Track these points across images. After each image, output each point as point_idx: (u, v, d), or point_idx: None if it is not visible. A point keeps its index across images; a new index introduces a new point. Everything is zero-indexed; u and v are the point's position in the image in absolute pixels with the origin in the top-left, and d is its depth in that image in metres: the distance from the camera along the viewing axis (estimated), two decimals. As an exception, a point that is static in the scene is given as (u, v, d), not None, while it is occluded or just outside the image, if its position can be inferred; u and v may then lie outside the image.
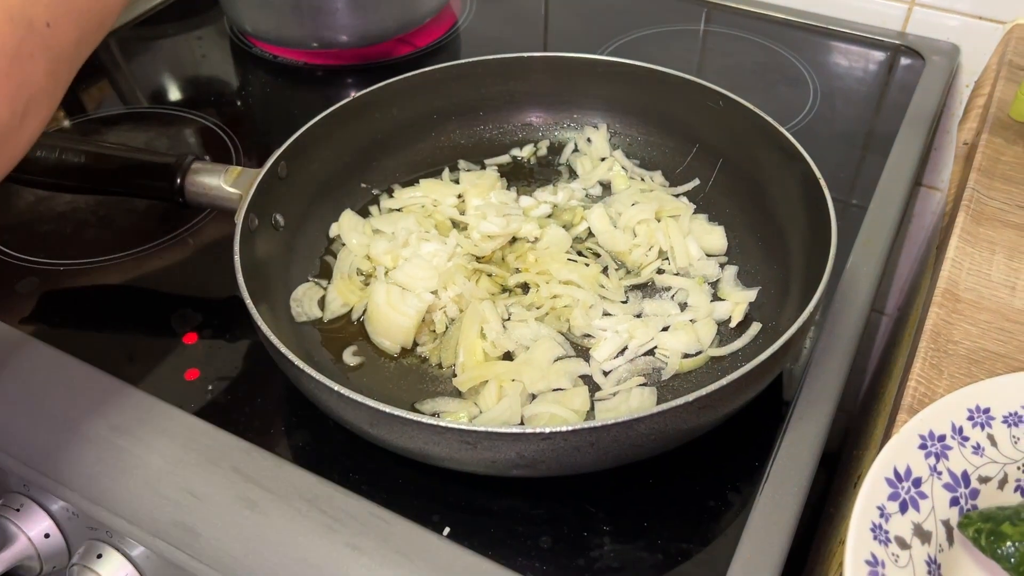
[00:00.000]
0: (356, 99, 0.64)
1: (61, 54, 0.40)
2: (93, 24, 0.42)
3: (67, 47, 0.40)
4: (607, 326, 0.56)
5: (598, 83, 0.69)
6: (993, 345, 0.53)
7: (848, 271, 0.62)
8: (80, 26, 0.41)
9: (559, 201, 0.66)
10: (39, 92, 0.39)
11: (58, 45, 0.39)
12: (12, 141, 0.38)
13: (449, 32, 0.88)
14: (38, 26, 0.38)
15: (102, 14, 0.43)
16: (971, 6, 0.82)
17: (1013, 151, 0.67)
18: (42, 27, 0.38)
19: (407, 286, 0.58)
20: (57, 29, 0.39)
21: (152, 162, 0.58)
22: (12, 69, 0.37)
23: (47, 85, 0.39)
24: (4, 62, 0.36)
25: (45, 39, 0.38)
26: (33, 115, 0.39)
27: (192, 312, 0.60)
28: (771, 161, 0.60)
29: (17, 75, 0.37)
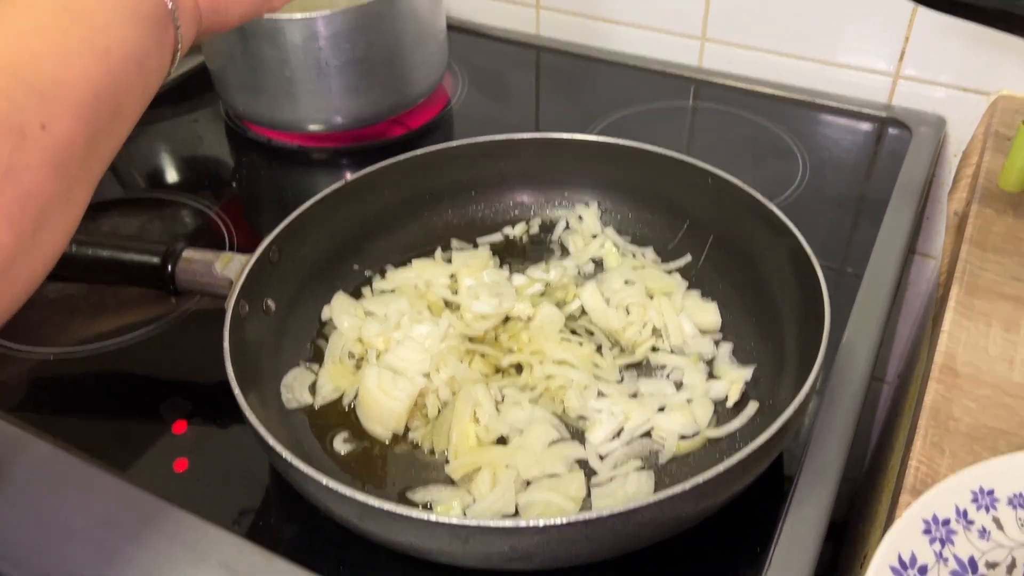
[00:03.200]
0: (349, 183, 0.65)
1: (69, 155, 0.36)
2: (105, 114, 0.38)
3: (75, 146, 0.36)
4: (602, 407, 0.55)
5: (588, 162, 0.69)
6: (994, 421, 0.52)
7: (845, 343, 0.61)
8: (88, 123, 0.37)
9: (552, 279, 0.66)
10: (50, 201, 0.35)
11: (62, 146, 0.35)
12: (26, 261, 0.35)
13: (442, 112, 0.89)
14: (31, 131, 0.34)
15: (112, 101, 0.38)
16: (955, 78, 0.83)
17: (1004, 222, 0.67)
18: (37, 131, 0.34)
19: (399, 369, 0.57)
20: (56, 129, 0.35)
21: (144, 250, 0.58)
22: (7, 186, 0.33)
23: (58, 191, 0.35)
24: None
25: (43, 143, 0.35)
26: (49, 227, 0.35)
27: (182, 400, 0.60)
28: (761, 236, 0.60)
29: (13, 190, 0.33)
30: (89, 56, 0.37)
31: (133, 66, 0.39)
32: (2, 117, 0.33)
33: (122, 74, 0.39)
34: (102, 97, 0.38)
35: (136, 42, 0.40)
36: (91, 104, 0.37)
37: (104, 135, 0.38)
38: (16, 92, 0.34)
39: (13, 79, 0.34)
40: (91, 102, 0.37)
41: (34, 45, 0.36)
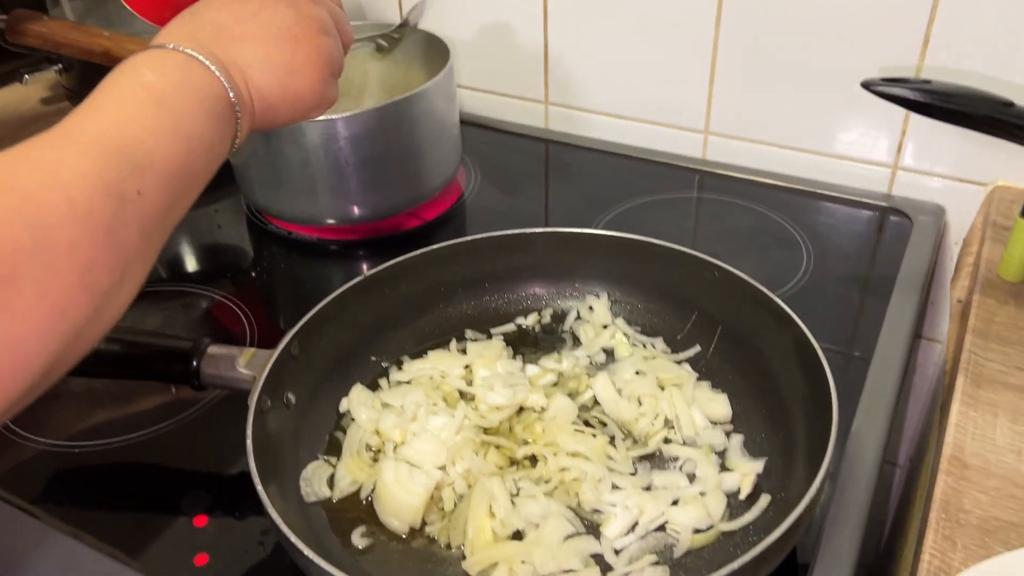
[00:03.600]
0: (367, 277, 0.67)
1: (153, 219, 0.43)
2: (180, 188, 0.45)
3: (158, 212, 0.43)
4: (617, 501, 0.56)
5: (597, 255, 0.72)
6: (1005, 514, 0.53)
7: (855, 431, 0.62)
8: (169, 191, 0.44)
9: (564, 369, 0.67)
10: (133, 257, 0.42)
11: (149, 211, 0.42)
12: (113, 306, 0.41)
13: (455, 204, 0.92)
14: (131, 196, 0.41)
15: (188, 177, 0.46)
16: (952, 169, 0.86)
17: (1006, 311, 0.69)
18: (134, 197, 0.41)
19: (416, 462, 0.58)
20: (148, 197, 0.42)
21: (170, 347, 0.60)
22: (109, 240, 0.39)
23: (140, 249, 0.42)
24: (101, 235, 0.39)
25: (138, 208, 0.41)
26: (130, 279, 0.42)
27: (203, 493, 0.61)
28: (766, 327, 0.62)
29: (113, 245, 0.40)
30: (175, 139, 0.45)
31: (204, 150, 0.47)
32: (112, 184, 0.40)
33: (197, 156, 0.46)
34: (182, 173, 0.45)
35: (208, 130, 0.47)
36: (174, 178, 0.44)
37: (177, 205, 0.46)
38: (122, 165, 0.41)
39: (120, 156, 0.41)
40: (174, 177, 0.44)
41: (135, 129, 0.43)
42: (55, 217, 0.37)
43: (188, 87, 0.47)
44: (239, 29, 0.51)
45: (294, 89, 0.54)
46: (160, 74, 0.46)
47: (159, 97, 0.45)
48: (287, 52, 0.53)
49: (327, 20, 0.56)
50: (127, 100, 0.44)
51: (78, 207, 0.38)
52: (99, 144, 0.41)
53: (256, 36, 0.52)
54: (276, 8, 0.53)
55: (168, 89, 0.46)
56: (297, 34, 0.53)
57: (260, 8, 0.53)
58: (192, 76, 0.47)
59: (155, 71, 0.46)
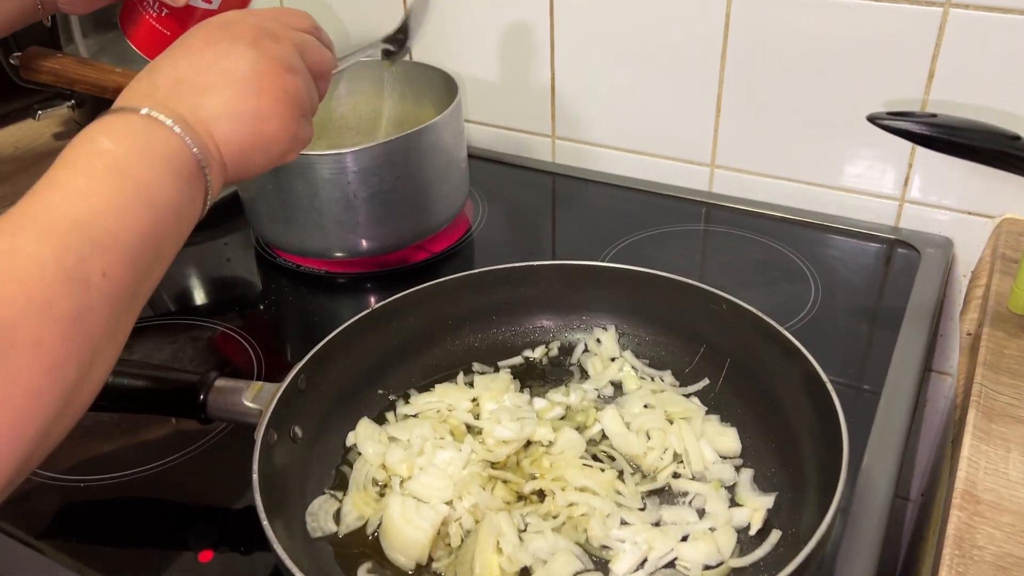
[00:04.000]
0: (374, 310, 0.67)
1: (122, 298, 0.41)
2: (149, 259, 0.43)
3: (127, 290, 0.41)
4: (625, 536, 0.55)
5: (605, 287, 0.72)
6: (1019, 550, 0.52)
7: (866, 465, 0.62)
8: (138, 265, 0.42)
9: (572, 402, 0.67)
10: (104, 341, 0.40)
11: (118, 291, 0.40)
12: (83, 392, 0.39)
13: (463, 238, 0.92)
14: (95, 280, 0.39)
15: (157, 246, 0.43)
16: (959, 202, 0.86)
17: (1016, 344, 0.68)
18: (99, 280, 0.39)
19: (422, 497, 0.58)
20: (114, 276, 0.40)
21: (177, 381, 0.60)
22: (74, 330, 0.37)
23: (111, 331, 0.40)
24: (66, 326, 0.37)
25: (103, 289, 0.39)
26: (100, 363, 0.40)
27: (208, 528, 0.61)
28: (775, 360, 0.62)
29: (80, 334, 0.38)
30: (139, 209, 0.42)
31: (172, 216, 0.45)
32: (72, 269, 0.38)
33: (163, 223, 0.44)
34: (148, 244, 0.43)
35: (175, 194, 0.45)
36: (139, 251, 0.42)
37: (147, 277, 0.43)
38: (82, 247, 0.39)
39: (80, 235, 0.39)
40: (140, 249, 0.42)
41: (94, 203, 0.41)
42: (13, 313, 0.35)
43: (149, 152, 0.44)
44: (200, 81, 0.49)
45: (264, 135, 0.51)
46: (118, 141, 0.44)
47: (119, 166, 0.43)
48: (252, 98, 0.50)
49: (292, 57, 0.54)
50: (84, 173, 0.42)
51: (36, 300, 0.36)
52: (56, 226, 0.39)
53: (218, 86, 0.49)
54: (236, 53, 0.51)
55: (128, 156, 0.43)
56: (261, 77, 0.51)
57: (219, 56, 0.50)
58: (153, 139, 0.45)
59: (112, 138, 0.44)
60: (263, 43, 0.52)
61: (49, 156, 1.08)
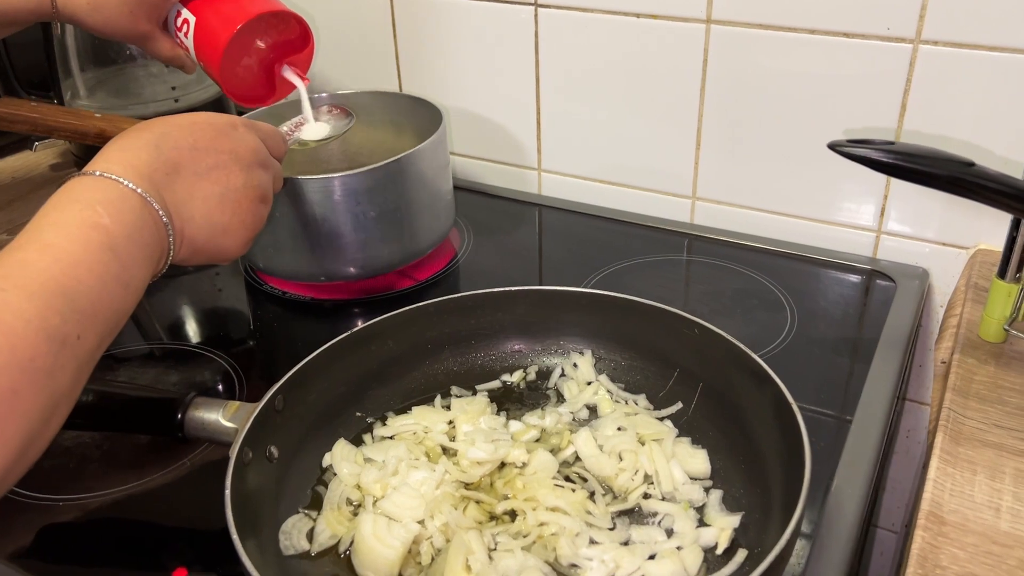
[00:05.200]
0: (353, 333, 0.69)
1: (85, 360, 0.44)
2: (110, 327, 0.47)
3: (91, 353, 0.45)
4: (593, 555, 0.56)
5: (582, 313, 0.73)
6: (982, 570, 0.53)
7: (835, 489, 0.62)
8: (101, 334, 0.46)
9: (547, 425, 0.68)
10: (64, 396, 0.43)
11: (84, 353, 0.44)
12: (39, 443, 0.42)
13: (448, 266, 0.94)
14: (71, 341, 0.42)
15: (117, 316, 0.48)
16: (935, 234, 0.87)
17: (985, 370, 0.69)
18: (73, 341, 0.42)
19: (394, 515, 0.58)
20: (85, 340, 0.44)
21: (155, 399, 0.61)
22: (47, 383, 0.41)
23: (72, 389, 0.44)
24: (41, 378, 0.40)
25: (75, 351, 0.43)
26: (57, 416, 0.43)
27: (183, 547, 0.61)
28: (746, 385, 0.63)
29: (50, 387, 0.41)
30: (118, 289, 0.47)
31: (135, 296, 0.50)
32: (54, 329, 0.41)
33: (130, 300, 0.49)
34: (117, 316, 0.48)
35: (146, 278, 0.51)
36: (109, 321, 0.47)
37: (105, 345, 0.47)
38: (65, 310, 0.43)
39: (64, 300, 0.43)
40: (110, 320, 0.47)
41: (82, 273, 0.45)
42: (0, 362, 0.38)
43: (139, 238, 0.49)
44: (191, 180, 0.54)
45: (221, 247, 0.58)
46: (116, 219, 0.48)
47: (111, 245, 0.47)
48: (226, 215, 0.57)
49: (268, 188, 0.61)
50: (79, 241, 0.46)
51: (21, 353, 0.39)
52: (46, 287, 0.42)
53: (204, 195, 0.55)
54: (228, 170, 0.57)
55: (121, 238, 0.47)
56: (240, 200, 0.57)
57: (217, 165, 0.56)
58: (144, 227, 0.50)
59: (112, 215, 0.48)
60: (254, 170, 0.59)
61: (45, 186, 1.11)
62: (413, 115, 0.96)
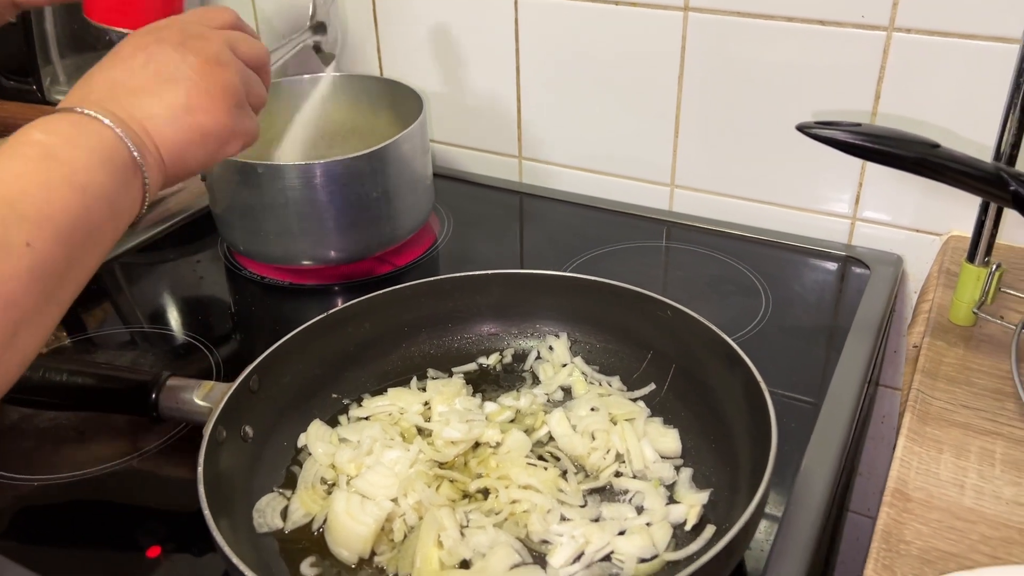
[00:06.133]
0: (329, 315, 0.69)
1: (48, 272, 0.42)
2: (79, 240, 0.45)
3: (55, 265, 0.43)
4: (564, 531, 0.57)
5: (558, 296, 0.74)
6: (945, 544, 0.53)
7: (803, 470, 0.63)
8: (66, 243, 0.43)
9: (522, 406, 0.68)
10: (29, 312, 0.41)
11: (43, 264, 0.42)
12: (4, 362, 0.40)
13: (428, 252, 0.94)
14: (17, 249, 0.40)
15: (87, 230, 0.45)
16: (909, 220, 0.88)
17: (954, 353, 0.70)
18: (22, 248, 0.41)
19: (368, 494, 0.59)
20: (39, 248, 0.41)
21: (129, 378, 0.62)
22: None
23: (37, 304, 0.41)
24: None
25: (28, 260, 0.41)
26: (25, 335, 0.41)
27: (158, 526, 0.61)
28: (717, 366, 0.63)
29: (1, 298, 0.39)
30: (68, 191, 0.45)
31: (105, 204, 0.47)
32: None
33: (95, 209, 0.46)
34: (78, 226, 0.45)
35: (108, 184, 0.47)
36: (69, 231, 0.44)
37: (78, 260, 0.45)
38: (8, 217, 0.41)
39: (5, 207, 0.41)
40: (69, 230, 0.44)
41: (24, 183, 0.43)
42: None
43: (80, 140, 0.47)
44: (132, 84, 0.52)
45: (196, 127, 0.54)
46: (51, 132, 0.47)
47: (49, 151, 0.45)
48: (180, 93, 0.53)
49: (219, 51, 0.56)
50: (16, 158, 0.45)
51: None
52: None
53: (149, 87, 0.52)
54: (163, 54, 0.54)
55: (58, 143, 0.46)
56: (188, 73, 0.54)
57: (148, 59, 0.53)
58: (84, 131, 0.48)
59: (45, 131, 0.47)
60: (190, 43, 0.55)
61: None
62: (393, 100, 0.96)
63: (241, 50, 0.58)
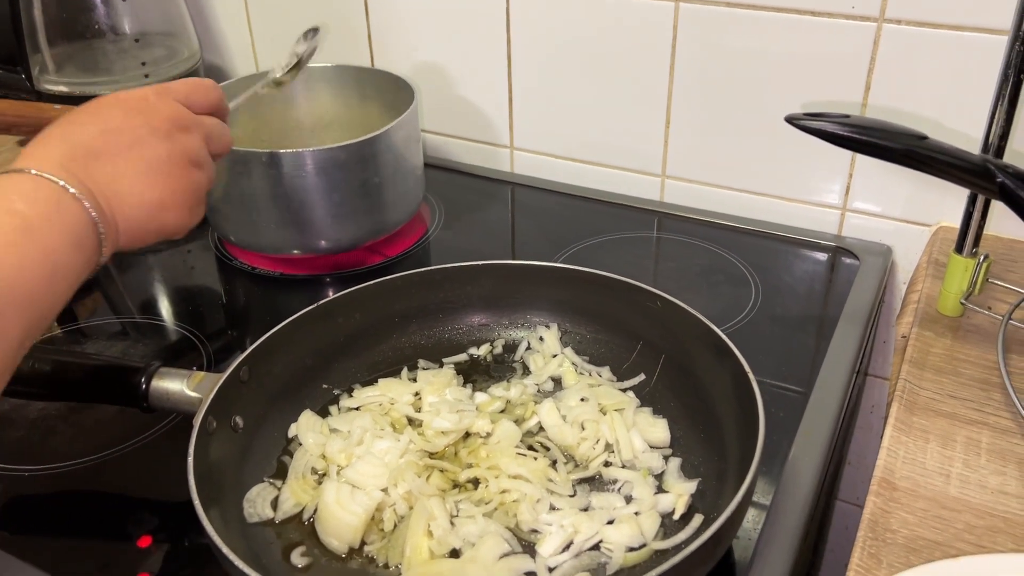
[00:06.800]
0: (319, 306, 0.69)
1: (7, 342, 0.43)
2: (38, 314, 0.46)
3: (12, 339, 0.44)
4: (553, 520, 0.57)
5: (548, 287, 0.74)
6: (930, 533, 0.54)
7: (791, 459, 0.64)
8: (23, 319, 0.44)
9: (512, 397, 0.69)
10: None
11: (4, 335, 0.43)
12: None
13: (419, 242, 0.94)
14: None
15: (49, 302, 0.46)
16: (898, 211, 0.89)
17: (942, 343, 0.71)
18: None
19: (358, 484, 0.59)
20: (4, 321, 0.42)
21: (119, 368, 0.62)
22: None
23: None
24: None
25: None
26: None
27: (149, 516, 0.62)
28: (705, 356, 0.64)
29: None
30: (39, 269, 0.45)
31: (65, 283, 0.48)
32: None
33: (58, 288, 0.47)
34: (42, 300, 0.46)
35: (73, 264, 0.48)
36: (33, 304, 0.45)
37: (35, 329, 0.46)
38: None
39: None
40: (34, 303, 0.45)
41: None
42: None
43: (57, 219, 0.47)
44: (111, 162, 0.52)
45: (161, 222, 0.55)
46: (30, 204, 0.46)
47: (27, 227, 0.45)
48: (157, 189, 0.54)
49: (199, 151, 0.58)
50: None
51: None
52: None
53: (127, 173, 0.53)
54: (149, 144, 0.54)
55: (36, 221, 0.46)
56: (169, 171, 0.55)
57: (133, 142, 0.54)
58: (62, 209, 0.48)
59: (25, 201, 0.46)
60: (176, 137, 0.56)
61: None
62: (384, 90, 0.96)
63: (213, 143, 0.61)
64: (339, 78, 0.98)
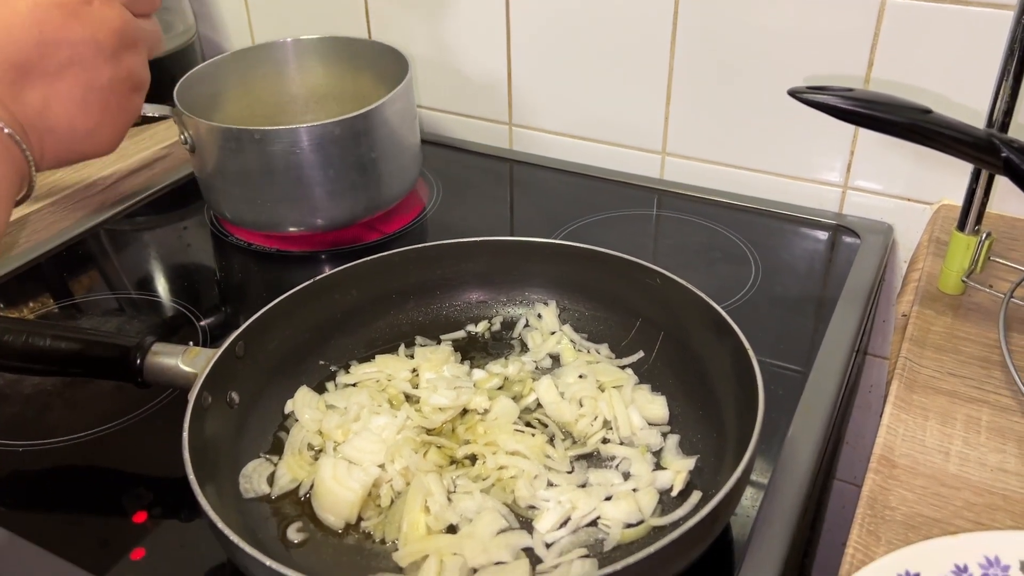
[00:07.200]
0: (316, 282, 0.68)
1: None
2: None
3: None
4: (550, 497, 0.57)
5: (546, 264, 0.73)
6: (929, 510, 0.54)
7: (790, 438, 0.63)
8: None
9: (510, 373, 0.68)
10: None
11: None
12: None
13: (416, 219, 0.94)
14: None
15: None
16: (900, 189, 0.88)
17: (942, 321, 0.70)
18: None
19: (355, 460, 0.59)
20: None
21: (114, 344, 0.61)
22: None
23: None
24: None
25: None
26: None
27: (145, 491, 0.61)
28: (705, 333, 0.63)
29: None
30: None
31: None
32: None
33: None
34: None
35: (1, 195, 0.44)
36: None
37: None
38: None
39: None
40: None
41: None
42: None
43: None
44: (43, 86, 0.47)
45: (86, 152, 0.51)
46: None
47: None
48: (92, 118, 0.49)
49: (142, 72, 0.52)
50: None
51: None
52: None
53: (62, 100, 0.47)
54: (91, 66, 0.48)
55: None
56: (108, 99, 0.49)
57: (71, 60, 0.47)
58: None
59: None
60: (122, 57, 0.50)
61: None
62: (378, 63, 0.95)
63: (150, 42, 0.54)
64: (332, 50, 0.97)
